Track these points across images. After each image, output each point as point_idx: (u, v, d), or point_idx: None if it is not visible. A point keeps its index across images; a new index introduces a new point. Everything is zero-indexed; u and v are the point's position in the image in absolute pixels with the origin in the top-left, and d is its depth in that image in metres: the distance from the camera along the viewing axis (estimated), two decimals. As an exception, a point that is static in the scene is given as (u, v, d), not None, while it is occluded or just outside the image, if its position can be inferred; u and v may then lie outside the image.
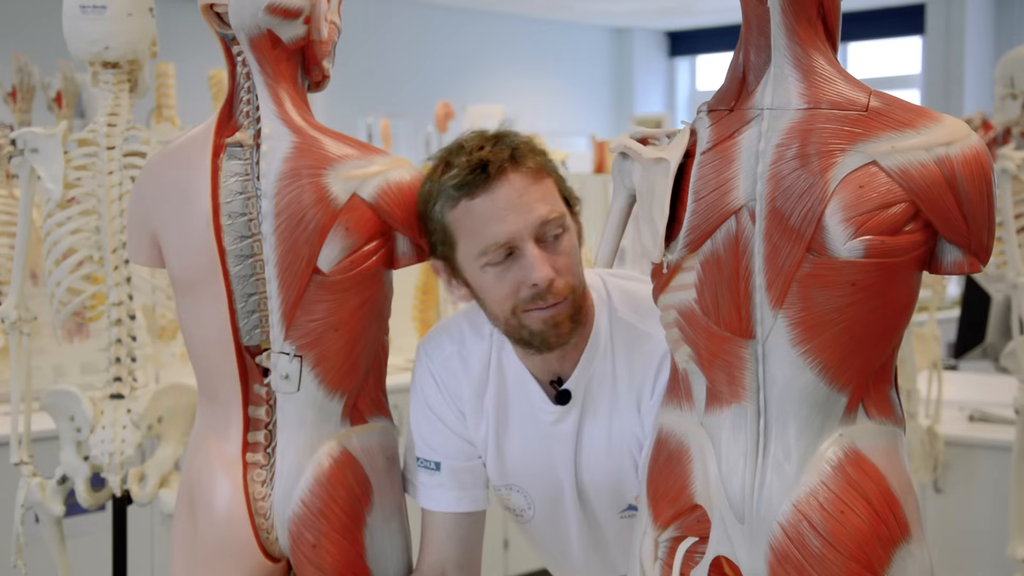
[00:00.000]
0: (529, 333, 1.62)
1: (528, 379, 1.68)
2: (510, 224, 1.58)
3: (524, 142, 1.62)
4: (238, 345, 1.63)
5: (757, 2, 1.32)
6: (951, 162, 1.26)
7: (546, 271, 1.57)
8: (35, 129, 2.23)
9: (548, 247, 1.58)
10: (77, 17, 2.19)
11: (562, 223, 1.59)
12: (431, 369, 1.74)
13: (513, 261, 1.59)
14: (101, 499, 2.30)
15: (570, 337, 1.62)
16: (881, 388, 1.35)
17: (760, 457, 1.33)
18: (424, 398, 1.74)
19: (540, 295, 1.57)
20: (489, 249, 1.59)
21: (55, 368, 3.56)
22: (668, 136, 1.43)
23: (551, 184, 1.61)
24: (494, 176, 1.58)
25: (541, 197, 1.59)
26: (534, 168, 1.60)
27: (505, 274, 1.59)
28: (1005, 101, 3.02)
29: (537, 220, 1.57)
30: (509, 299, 1.60)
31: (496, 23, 11.26)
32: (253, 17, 1.58)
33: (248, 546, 1.64)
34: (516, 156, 1.59)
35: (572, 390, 1.66)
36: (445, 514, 1.72)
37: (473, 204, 1.59)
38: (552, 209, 1.58)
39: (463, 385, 1.72)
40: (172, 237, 1.66)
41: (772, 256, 1.29)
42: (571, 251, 1.61)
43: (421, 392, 1.74)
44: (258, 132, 1.61)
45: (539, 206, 1.58)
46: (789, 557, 1.30)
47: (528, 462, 1.72)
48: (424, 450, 1.73)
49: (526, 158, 1.59)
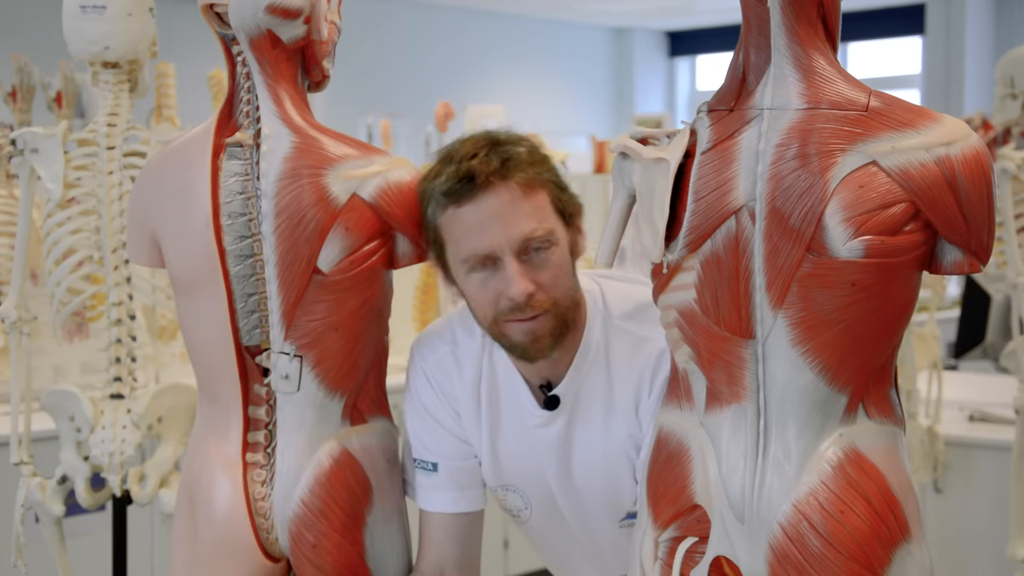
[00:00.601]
0: (509, 343, 1.61)
1: (518, 381, 1.68)
2: (491, 238, 1.57)
3: (520, 153, 1.59)
4: (238, 345, 1.63)
5: (757, 2, 1.32)
6: (951, 162, 1.26)
7: (523, 286, 1.55)
8: (35, 129, 2.23)
9: (532, 260, 1.56)
10: (77, 17, 2.19)
11: (549, 239, 1.57)
12: (425, 370, 1.74)
13: (495, 272, 1.58)
14: (101, 499, 2.30)
15: (550, 351, 1.61)
16: (881, 388, 1.35)
17: (760, 457, 1.33)
18: (419, 400, 1.73)
19: (519, 307, 1.56)
20: (470, 259, 1.58)
21: (55, 368, 3.56)
22: (668, 136, 1.43)
23: (543, 198, 1.58)
24: (480, 187, 1.56)
25: (528, 212, 1.56)
26: (524, 182, 1.57)
27: (488, 282, 1.59)
28: (1005, 101, 3.02)
29: (519, 236, 1.56)
30: (490, 308, 1.60)
31: (496, 23, 11.26)
32: (253, 17, 1.58)
33: (248, 546, 1.64)
34: (506, 168, 1.56)
35: (561, 396, 1.65)
36: (443, 514, 1.72)
37: (460, 212, 1.58)
38: (538, 226, 1.56)
39: (457, 385, 1.72)
40: (172, 237, 1.66)
41: (772, 256, 1.29)
42: (558, 265, 1.59)
43: (416, 394, 1.74)
44: (258, 132, 1.61)
45: (524, 222, 1.56)
46: (789, 557, 1.30)
47: (520, 463, 1.71)
48: (421, 451, 1.72)
49: (517, 171, 1.56)
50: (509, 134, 1.63)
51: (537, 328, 1.58)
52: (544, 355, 1.61)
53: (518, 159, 1.58)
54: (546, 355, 1.61)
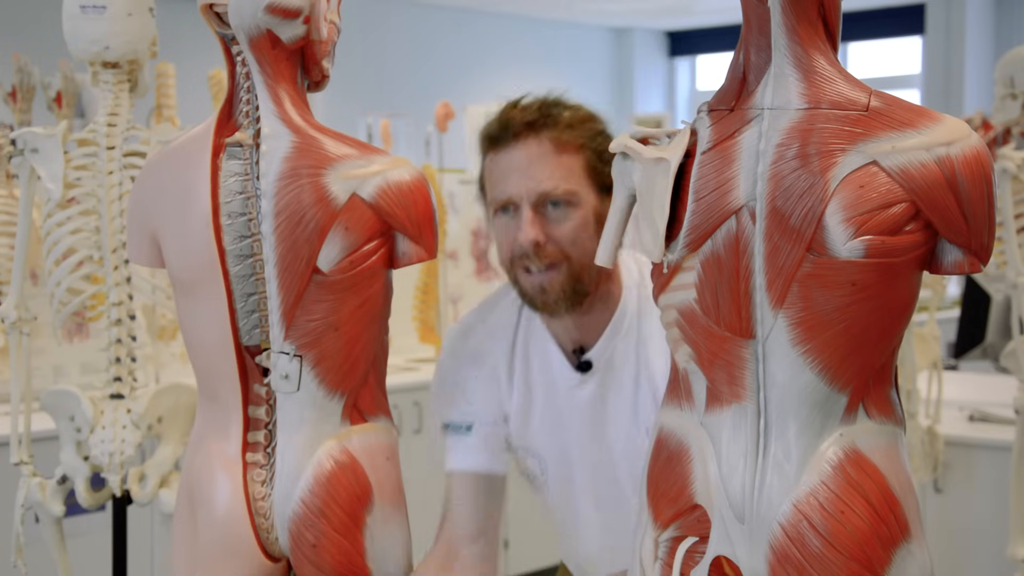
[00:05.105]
0: (521, 291, 1.74)
1: (550, 342, 1.75)
2: (513, 186, 1.70)
3: (561, 114, 1.76)
4: (238, 345, 1.63)
5: (758, 2, 1.32)
6: (951, 162, 1.26)
7: (531, 234, 1.66)
8: (35, 129, 2.23)
9: (548, 214, 1.69)
10: (77, 17, 2.19)
11: (569, 199, 1.67)
12: (467, 330, 1.86)
13: (514, 217, 1.71)
14: (101, 499, 2.30)
15: (561, 307, 1.70)
16: (881, 388, 1.35)
17: (760, 457, 1.33)
18: (459, 360, 1.84)
19: (527, 255, 1.66)
20: (496, 202, 1.72)
21: (55, 368, 3.57)
22: (668, 136, 1.43)
23: (575, 160, 1.71)
24: (513, 137, 1.71)
25: (553, 169, 1.69)
26: (556, 140, 1.71)
27: (508, 226, 1.72)
28: (1005, 101, 3.02)
29: (537, 189, 1.68)
30: (506, 251, 1.73)
31: (496, 23, 11.26)
32: (253, 17, 1.58)
33: (248, 546, 1.64)
34: (541, 124, 1.72)
35: (594, 360, 1.73)
36: (470, 474, 1.80)
37: (496, 158, 1.73)
38: (558, 185, 1.67)
39: (495, 345, 1.83)
40: (172, 237, 1.66)
41: (772, 256, 1.29)
42: (577, 226, 1.69)
43: (456, 355, 1.82)
44: (258, 132, 1.61)
45: (546, 178, 1.69)
46: (789, 557, 1.30)
47: (546, 428, 1.79)
48: (456, 414, 1.81)
49: (551, 128, 1.72)
50: (567, 100, 1.75)
51: (546, 283, 1.68)
52: (554, 310, 1.70)
53: (555, 118, 1.73)
54: (555, 311, 1.70)
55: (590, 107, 1.81)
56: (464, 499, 1.79)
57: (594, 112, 1.82)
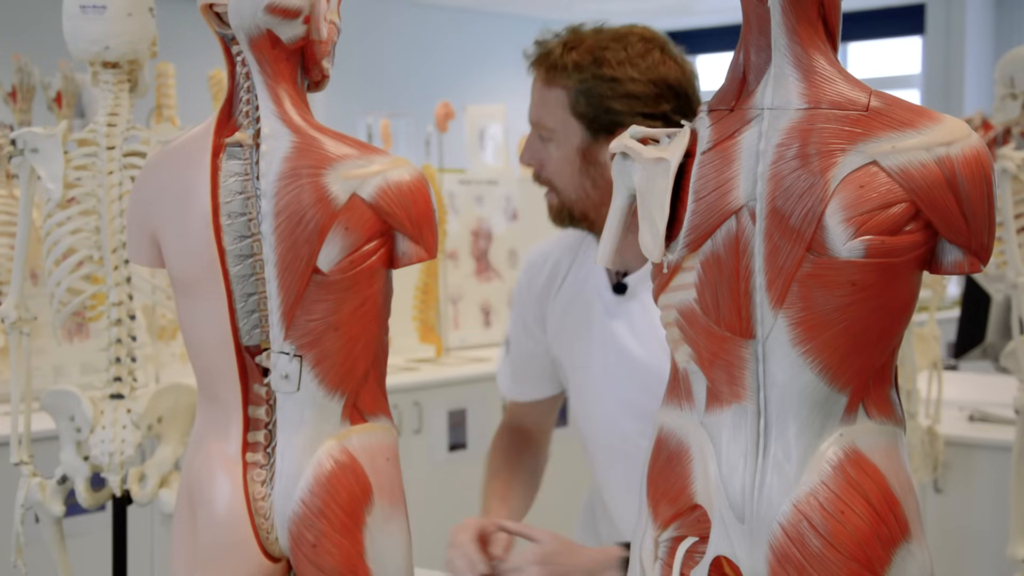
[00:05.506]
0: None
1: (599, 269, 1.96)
2: (528, 109, 2.01)
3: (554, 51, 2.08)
4: (238, 345, 1.63)
5: (758, 2, 1.32)
6: (951, 162, 1.26)
7: (524, 156, 1.99)
8: (35, 129, 2.23)
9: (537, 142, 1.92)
10: (77, 17, 2.19)
11: (549, 135, 1.90)
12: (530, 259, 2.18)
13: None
14: (101, 499, 2.30)
15: (561, 224, 2.01)
16: (881, 388, 1.35)
17: (760, 457, 1.33)
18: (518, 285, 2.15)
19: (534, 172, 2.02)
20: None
21: (55, 368, 3.57)
22: (668, 136, 1.43)
23: (558, 97, 2.00)
24: (532, 66, 2.02)
25: (540, 102, 1.99)
26: (543, 77, 1.99)
27: None
28: (1005, 101, 3.02)
29: (531, 117, 1.96)
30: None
31: (496, 23, 11.26)
32: (253, 17, 1.58)
33: (248, 546, 1.64)
34: (544, 59, 2.00)
35: (630, 285, 1.88)
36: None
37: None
38: (540, 118, 2.12)
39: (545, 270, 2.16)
40: (172, 237, 1.66)
41: (772, 256, 1.29)
42: (556, 159, 2.10)
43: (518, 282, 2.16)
44: (258, 132, 1.61)
45: (536, 108, 2.00)
46: (789, 557, 1.30)
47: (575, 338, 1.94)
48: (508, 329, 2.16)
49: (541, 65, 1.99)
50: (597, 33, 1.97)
51: (549, 201, 2.00)
52: (558, 224, 2.02)
53: (548, 54, 2.04)
54: (559, 225, 2.02)
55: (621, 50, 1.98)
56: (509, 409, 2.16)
57: (609, 56, 1.96)
